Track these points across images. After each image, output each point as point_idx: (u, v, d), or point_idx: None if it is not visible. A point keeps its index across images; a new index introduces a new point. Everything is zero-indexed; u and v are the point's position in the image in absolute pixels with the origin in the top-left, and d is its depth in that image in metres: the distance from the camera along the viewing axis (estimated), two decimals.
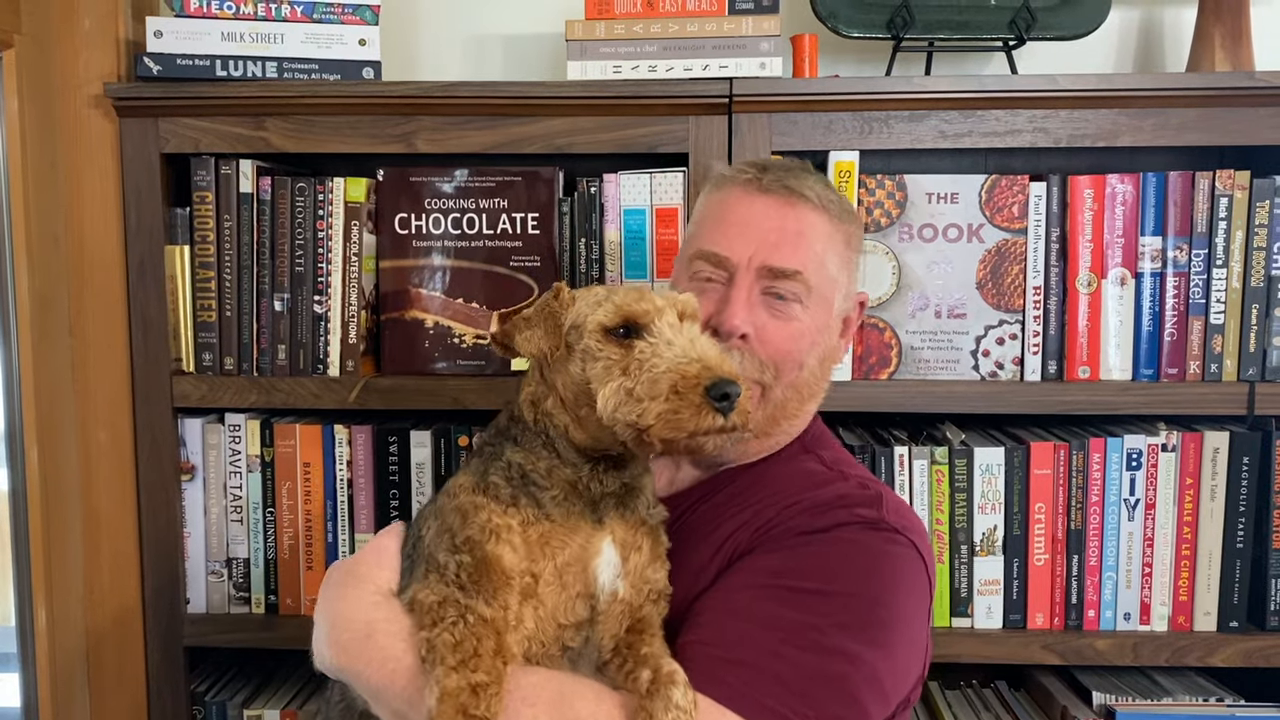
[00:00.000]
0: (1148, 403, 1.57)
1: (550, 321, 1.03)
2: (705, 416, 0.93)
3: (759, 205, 1.20)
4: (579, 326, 1.02)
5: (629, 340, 0.99)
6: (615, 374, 0.97)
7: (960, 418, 1.67)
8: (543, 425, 1.04)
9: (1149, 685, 1.65)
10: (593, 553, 1.00)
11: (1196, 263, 1.56)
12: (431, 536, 1.02)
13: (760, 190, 1.20)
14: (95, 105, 1.62)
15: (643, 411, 0.94)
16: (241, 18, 1.60)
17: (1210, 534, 1.58)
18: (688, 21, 1.58)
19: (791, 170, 1.22)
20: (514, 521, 0.99)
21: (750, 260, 1.17)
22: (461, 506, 1.01)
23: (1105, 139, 1.54)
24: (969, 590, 1.60)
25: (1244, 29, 1.64)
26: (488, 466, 1.03)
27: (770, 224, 1.19)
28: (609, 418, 0.97)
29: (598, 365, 0.99)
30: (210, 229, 1.62)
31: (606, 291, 1.04)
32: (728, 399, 0.93)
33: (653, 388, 0.95)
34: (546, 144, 1.56)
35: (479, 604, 0.94)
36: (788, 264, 1.17)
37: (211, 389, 1.63)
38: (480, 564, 0.96)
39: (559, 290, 1.05)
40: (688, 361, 0.95)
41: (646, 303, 1.00)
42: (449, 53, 1.87)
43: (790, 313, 1.18)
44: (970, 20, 1.65)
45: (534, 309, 1.05)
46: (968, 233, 1.59)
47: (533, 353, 1.03)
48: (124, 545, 1.67)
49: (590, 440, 1.02)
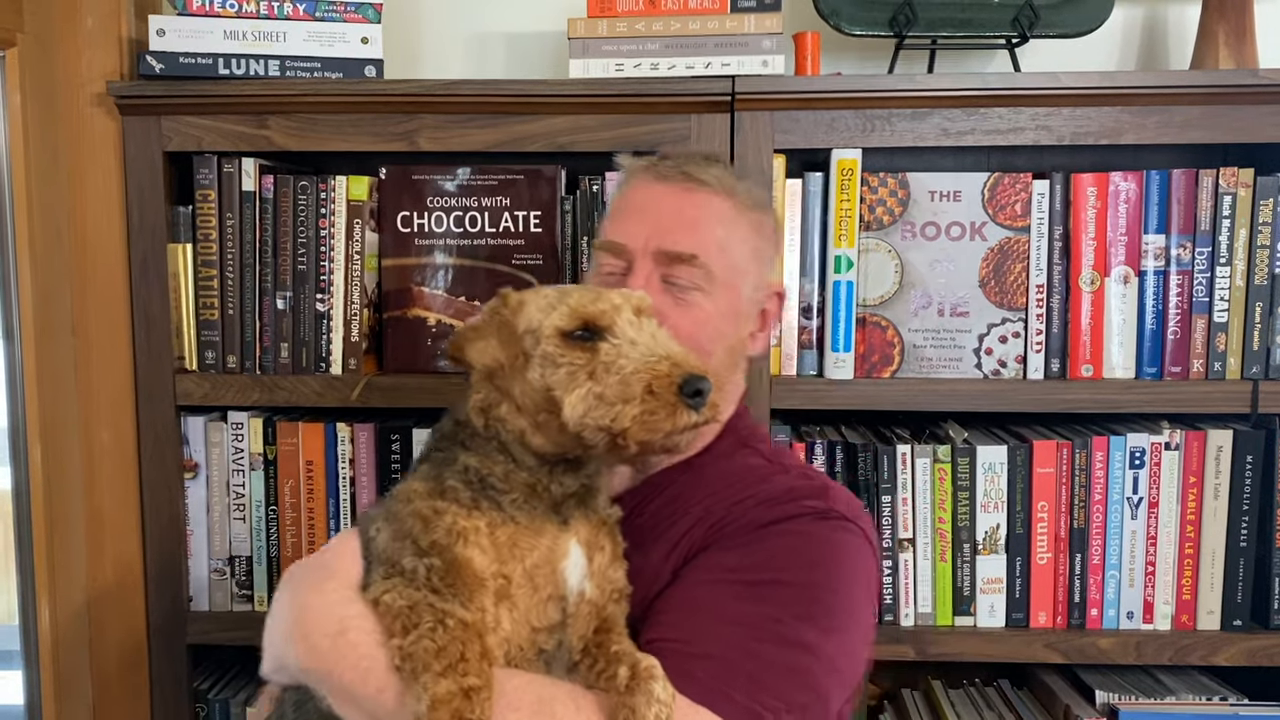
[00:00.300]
0: (1151, 401, 1.57)
1: (504, 330, 1.00)
2: (681, 414, 0.92)
3: (656, 192, 1.19)
4: (534, 332, 0.99)
5: (590, 343, 0.97)
6: (581, 379, 0.95)
7: (963, 416, 1.67)
8: (495, 430, 1.01)
9: (1152, 684, 1.64)
10: (560, 554, 0.99)
11: (1200, 261, 1.56)
12: (386, 541, 0.99)
13: (658, 178, 1.19)
14: (98, 104, 1.62)
15: (617, 415, 0.92)
16: (244, 16, 1.60)
17: (1214, 533, 1.58)
18: (690, 19, 1.58)
19: (694, 159, 1.21)
20: (481, 524, 0.96)
21: (645, 245, 1.15)
22: (420, 512, 0.97)
23: (1108, 137, 1.53)
24: (972, 589, 1.60)
25: (1248, 26, 1.63)
26: (442, 471, 1.00)
27: (666, 209, 1.17)
28: (577, 423, 0.94)
29: (560, 371, 0.96)
30: (213, 227, 1.62)
31: (557, 293, 1.01)
32: (700, 394, 0.93)
33: (625, 390, 0.93)
34: (549, 142, 1.56)
35: (456, 607, 0.91)
36: (683, 247, 1.15)
37: (214, 387, 1.63)
38: (451, 567, 0.94)
39: (506, 297, 1.02)
40: (657, 360, 0.94)
41: (604, 303, 0.98)
42: (451, 51, 1.87)
43: (691, 300, 1.15)
44: (973, 18, 1.65)
45: (483, 318, 1.02)
46: (970, 231, 1.59)
47: (487, 364, 1.00)
48: (127, 543, 1.67)
49: (551, 446, 0.99)
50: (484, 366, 1.01)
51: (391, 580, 0.95)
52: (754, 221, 1.21)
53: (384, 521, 1.00)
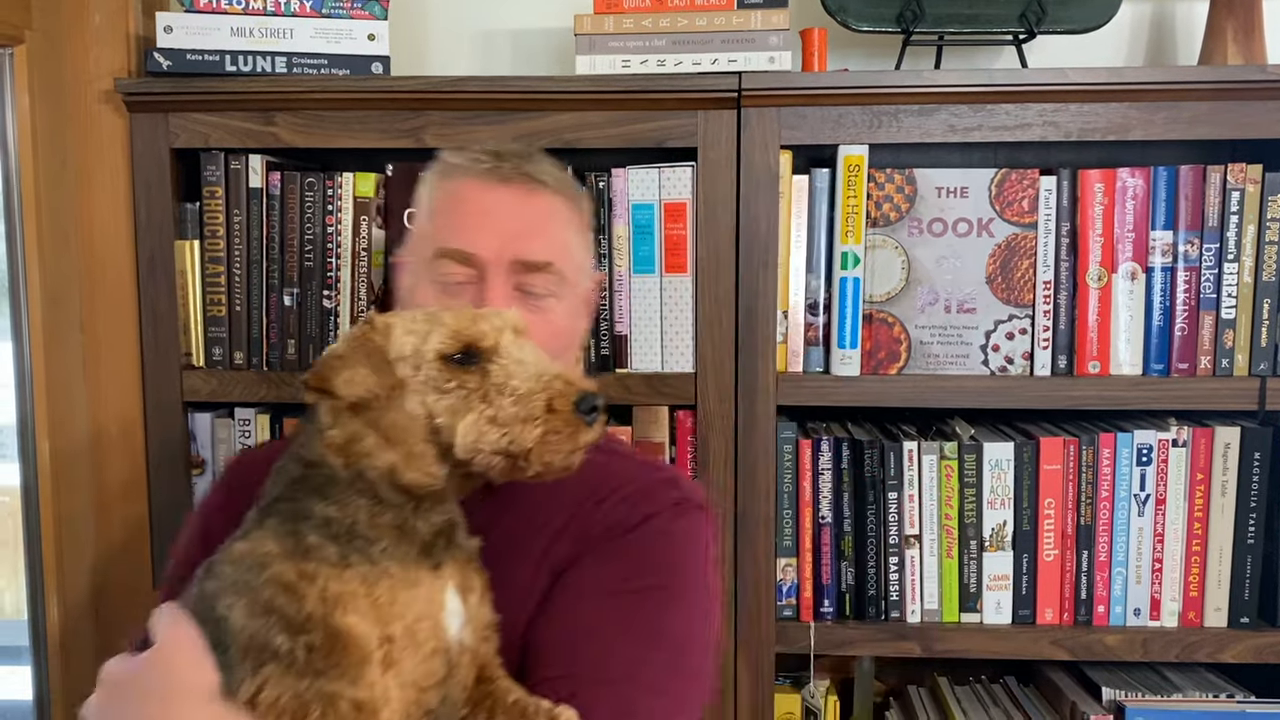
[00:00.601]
0: (1158, 398, 1.56)
1: (375, 358, 0.92)
2: (581, 432, 0.91)
3: (500, 195, 1.14)
4: (410, 358, 0.92)
5: (476, 365, 0.92)
6: (475, 403, 0.90)
7: (969, 413, 1.67)
8: (356, 469, 0.92)
9: (1159, 681, 1.64)
10: (439, 605, 0.92)
11: (1208, 257, 1.56)
12: (244, 620, 0.86)
13: (500, 180, 1.14)
14: (105, 101, 1.62)
15: (517, 437, 0.89)
16: (251, 13, 1.61)
17: (1221, 530, 1.58)
18: (696, 16, 1.57)
19: (526, 156, 1.18)
20: (355, 584, 0.87)
21: (500, 254, 1.11)
22: (282, 578, 0.86)
23: (1116, 133, 1.53)
24: (978, 585, 1.60)
25: (1256, 22, 1.63)
26: (298, 526, 0.90)
27: (516, 215, 1.13)
28: (470, 450, 0.90)
29: (448, 397, 0.91)
30: (220, 224, 1.62)
31: (426, 316, 0.95)
32: (595, 410, 0.91)
33: (523, 411, 0.89)
34: (555, 138, 1.56)
35: (345, 687, 0.83)
36: (539, 256, 1.12)
37: (221, 383, 1.63)
38: (332, 640, 0.84)
39: (372, 320, 0.95)
40: (550, 378, 0.91)
41: (485, 323, 0.94)
42: (458, 48, 1.87)
43: (546, 307, 1.13)
44: (980, 14, 1.64)
45: (348, 345, 0.93)
46: (977, 227, 1.59)
47: (360, 394, 0.91)
48: (134, 539, 1.68)
49: (427, 479, 0.92)
50: (353, 397, 0.91)
51: (265, 670, 0.84)
52: (582, 214, 1.22)
53: (234, 596, 0.87)
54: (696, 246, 1.57)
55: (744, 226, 1.55)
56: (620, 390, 1.58)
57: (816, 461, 1.60)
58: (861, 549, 1.61)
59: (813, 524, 1.61)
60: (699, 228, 1.56)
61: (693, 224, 1.57)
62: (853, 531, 1.61)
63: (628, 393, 1.59)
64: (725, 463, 1.57)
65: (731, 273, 1.56)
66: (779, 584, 1.61)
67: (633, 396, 1.59)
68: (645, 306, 1.60)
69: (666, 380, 1.59)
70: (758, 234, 1.55)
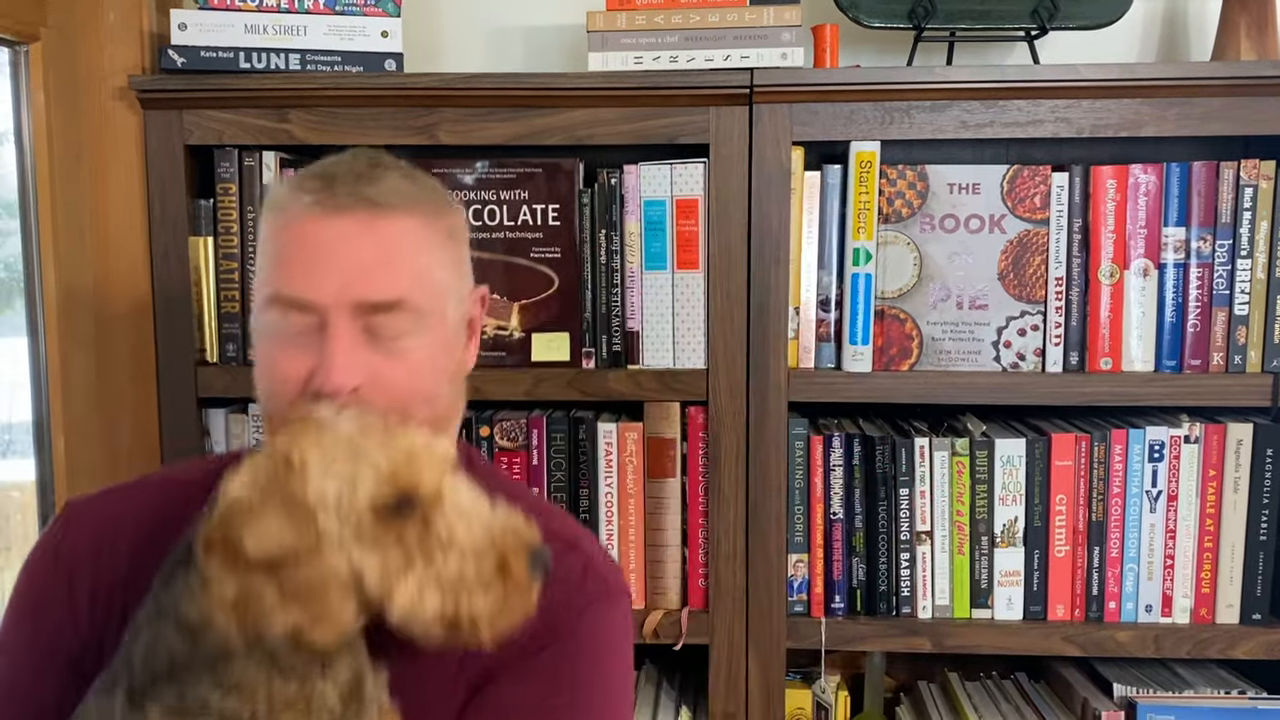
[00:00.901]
0: (1170, 394, 1.56)
1: (292, 507, 0.77)
2: (532, 592, 0.81)
3: (337, 228, 0.96)
4: (333, 508, 0.78)
5: (412, 517, 0.79)
6: (416, 563, 0.78)
7: (981, 409, 1.67)
8: (253, 633, 0.78)
9: (1170, 677, 1.64)
10: None
11: (1220, 253, 1.55)
12: None
13: (335, 210, 0.97)
14: (120, 98, 1.63)
15: (465, 604, 0.78)
16: (265, 10, 1.61)
17: (1233, 526, 1.57)
18: (709, 12, 1.58)
19: (364, 175, 1.00)
20: None
21: (339, 298, 0.95)
22: None
23: (1128, 129, 1.53)
24: (989, 582, 1.60)
25: (1270, 17, 1.62)
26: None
27: (356, 249, 0.96)
28: (406, 616, 0.78)
29: (382, 555, 0.78)
30: (234, 220, 1.63)
31: (349, 450, 0.80)
32: (546, 569, 0.82)
33: (473, 573, 0.78)
34: (567, 135, 1.57)
35: None
36: (386, 294, 0.96)
37: (235, 379, 1.64)
38: None
39: (289, 459, 0.79)
40: (499, 533, 0.80)
41: (420, 465, 0.80)
42: (471, 44, 1.88)
43: (403, 349, 0.97)
44: (992, 10, 1.64)
45: (258, 491, 0.78)
46: (989, 223, 1.59)
47: (273, 551, 0.76)
48: None
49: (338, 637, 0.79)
50: (264, 556, 0.76)
51: None
52: (446, 229, 1.04)
53: None
54: (708, 243, 1.57)
55: (756, 223, 1.55)
56: (632, 386, 1.59)
57: (828, 457, 1.61)
58: (872, 545, 1.61)
59: (824, 520, 1.61)
60: (711, 224, 1.57)
61: (704, 220, 1.57)
62: (864, 527, 1.61)
63: (639, 389, 1.59)
64: (737, 459, 1.58)
65: (743, 269, 1.56)
66: (790, 580, 1.61)
67: (644, 393, 1.59)
68: (657, 303, 1.60)
69: (678, 376, 1.59)
70: (769, 230, 1.55)
